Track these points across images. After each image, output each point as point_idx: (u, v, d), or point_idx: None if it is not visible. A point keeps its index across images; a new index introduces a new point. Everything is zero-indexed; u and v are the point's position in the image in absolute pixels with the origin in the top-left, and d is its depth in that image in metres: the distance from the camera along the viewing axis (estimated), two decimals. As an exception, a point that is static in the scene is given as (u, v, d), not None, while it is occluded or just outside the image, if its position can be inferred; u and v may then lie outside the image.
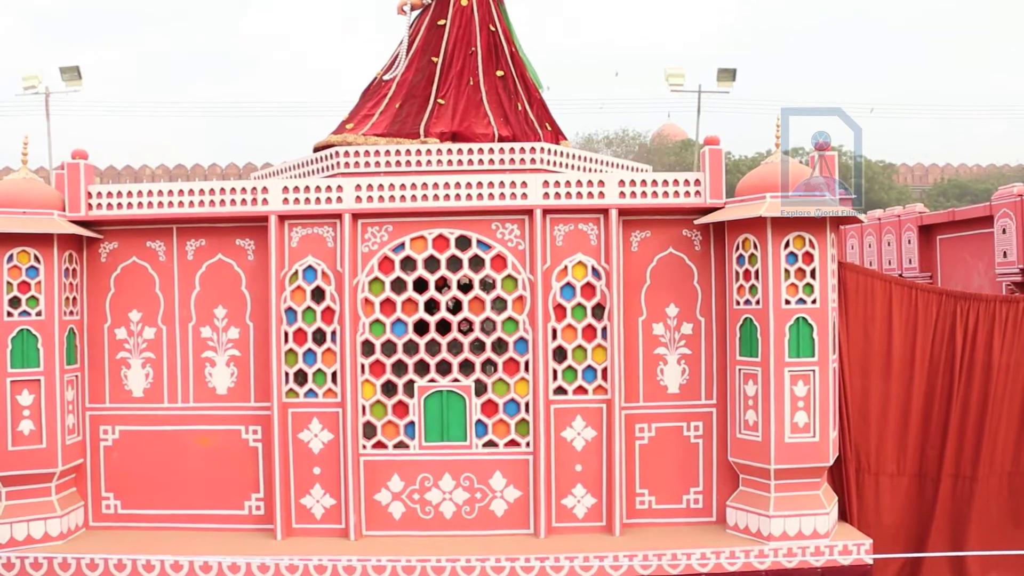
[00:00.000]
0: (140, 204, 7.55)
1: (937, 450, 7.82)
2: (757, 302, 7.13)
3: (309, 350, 7.49)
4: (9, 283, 7.21)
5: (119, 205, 7.58)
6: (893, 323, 7.74)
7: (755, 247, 7.13)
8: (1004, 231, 12.24)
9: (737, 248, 7.29)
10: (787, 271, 7.07)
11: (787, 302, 7.06)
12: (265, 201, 7.42)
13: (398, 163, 7.99)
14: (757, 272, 7.12)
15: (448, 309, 7.49)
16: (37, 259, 7.25)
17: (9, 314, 7.21)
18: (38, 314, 7.25)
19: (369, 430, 7.49)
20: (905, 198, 45.34)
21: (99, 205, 7.58)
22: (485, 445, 7.47)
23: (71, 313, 7.50)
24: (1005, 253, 12.23)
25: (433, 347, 7.48)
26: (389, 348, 7.47)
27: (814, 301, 7.08)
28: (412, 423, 7.47)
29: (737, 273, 7.30)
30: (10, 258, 7.22)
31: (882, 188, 46.13)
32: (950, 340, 7.80)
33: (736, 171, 37.24)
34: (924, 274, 14.49)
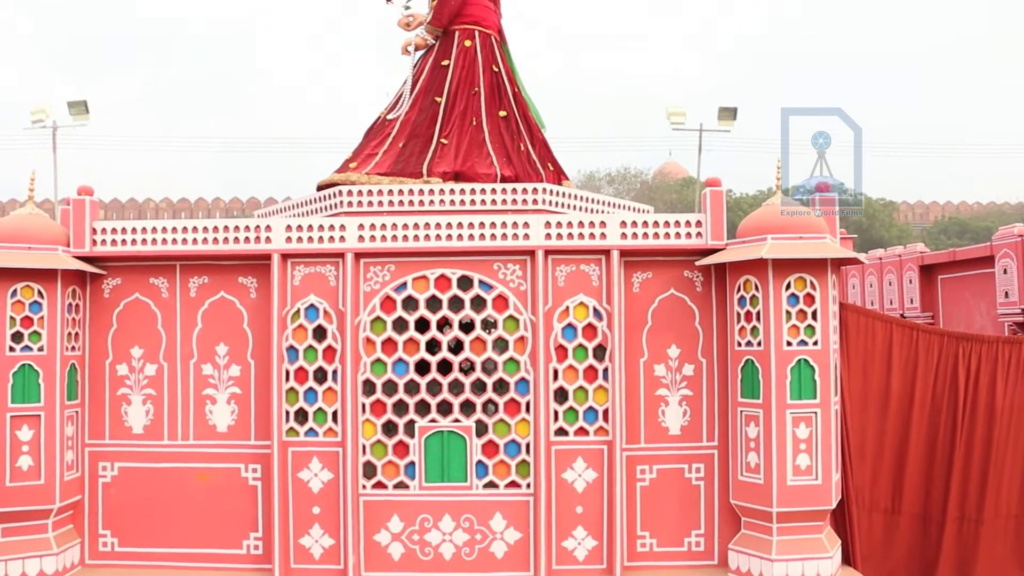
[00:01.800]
0: (144, 241, 7.58)
1: (942, 492, 7.79)
2: (759, 343, 7.13)
3: (310, 389, 7.48)
4: (12, 318, 7.22)
5: (123, 241, 7.61)
6: (892, 363, 7.74)
7: (756, 288, 7.15)
8: (1005, 271, 12.27)
9: (738, 289, 7.30)
10: (788, 312, 7.07)
11: (788, 343, 7.05)
12: (268, 239, 7.46)
13: (401, 203, 8.03)
14: (758, 313, 7.13)
15: (450, 349, 7.49)
16: (40, 294, 7.27)
17: (11, 349, 7.20)
18: (40, 349, 7.25)
19: (369, 470, 7.46)
20: (906, 235, 45.47)
21: (103, 241, 7.61)
22: (486, 486, 7.43)
23: (73, 348, 7.50)
24: (1007, 293, 12.25)
25: (434, 387, 7.47)
26: (390, 388, 7.46)
27: (815, 343, 7.08)
28: (412, 463, 7.44)
29: (738, 314, 7.31)
30: (13, 293, 7.23)
31: (883, 226, 46.28)
32: (952, 381, 7.79)
33: (737, 209, 37.47)
34: (926, 314, 14.49)
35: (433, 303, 7.47)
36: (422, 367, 7.48)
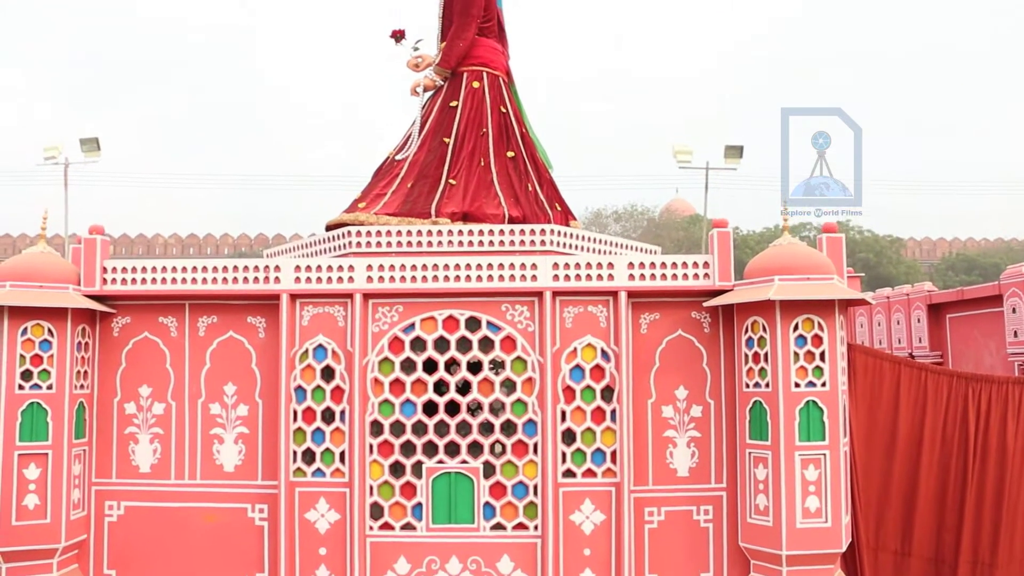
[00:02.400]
0: (154, 280, 7.63)
1: (953, 535, 7.72)
2: (767, 385, 7.11)
3: (318, 429, 7.48)
4: (22, 356, 7.24)
5: (133, 280, 7.65)
6: (901, 404, 7.72)
7: (764, 329, 7.15)
8: (1014, 310, 12.23)
9: (746, 330, 7.30)
10: (796, 354, 7.06)
11: (797, 385, 7.04)
12: (277, 280, 7.49)
13: (409, 243, 8.08)
14: (766, 355, 7.12)
15: (457, 390, 7.49)
16: (51, 332, 7.30)
17: (20, 387, 7.22)
18: (49, 387, 7.27)
19: (376, 511, 7.43)
20: (913, 272, 45.43)
21: (113, 280, 7.66)
22: (493, 528, 7.39)
23: (82, 387, 7.52)
24: (1016, 333, 12.21)
25: (442, 428, 7.46)
26: (398, 428, 7.46)
27: (824, 384, 7.06)
28: (420, 504, 7.41)
29: (746, 356, 7.30)
30: (24, 331, 7.26)
31: (890, 262, 46.24)
32: (963, 422, 7.75)
33: (744, 246, 37.53)
34: (935, 353, 14.43)
35: (441, 344, 7.48)
36: (430, 408, 7.48)
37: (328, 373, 7.51)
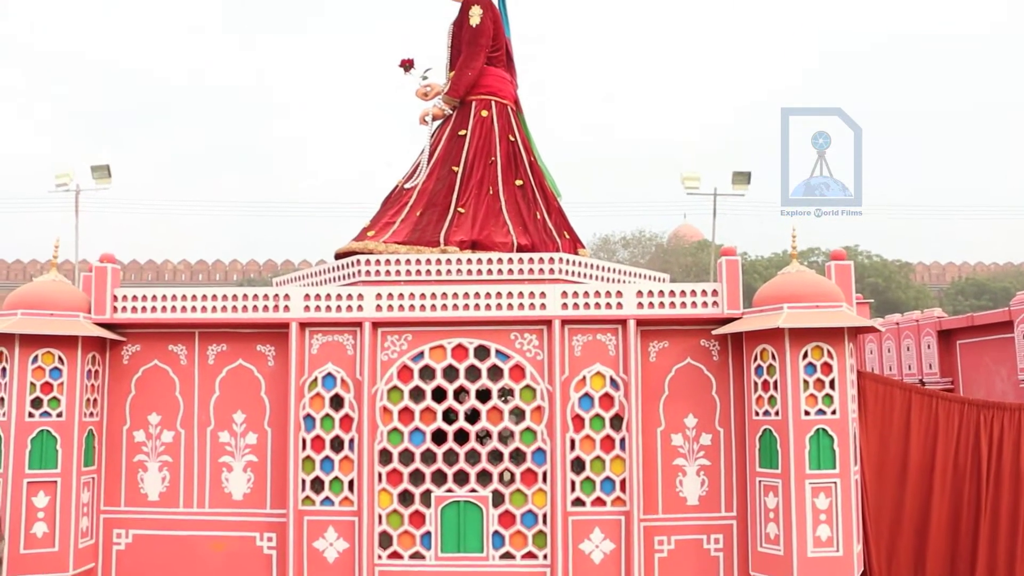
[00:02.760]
0: (164, 308, 7.67)
1: (968, 564, 7.64)
2: (776, 413, 7.10)
3: (326, 458, 7.48)
4: (32, 384, 7.28)
5: (143, 308, 7.69)
6: (912, 432, 7.67)
7: (773, 358, 7.14)
8: (1024, 337, 12.15)
9: (755, 359, 7.29)
10: (806, 382, 7.05)
11: (807, 413, 7.02)
12: (287, 308, 7.52)
13: (418, 272, 8.11)
14: (776, 383, 7.11)
15: (466, 418, 7.49)
16: (61, 360, 7.33)
17: (30, 415, 7.25)
18: (59, 415, 7.29)
19: (385, 540, 7.41)
20: (923, 297, 45.24)
21: (124, 308, 7.70)
22: (502, 557, 7.36)
23: (91, 415, 7.54)
24: (1027, 359, 12.12)
25: (451, 457, 7.45)
26: (407, 457, 7.45)
27: (834, 412, 7.05)
28: (428, 533, 7.39)
29: (755, 384, 7.29)
30: (35, 359, 7.30)
31: (899, 287, 46.07)
32: (975, 449, 7.70)
33: (753, 271, 37.48)
34: (945, 379, 14.34)
35: (450, 372, 7.49)
36: (439, 436, 7.47)
37: (337, 401, 7.52)
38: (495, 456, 7.47)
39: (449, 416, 7.49)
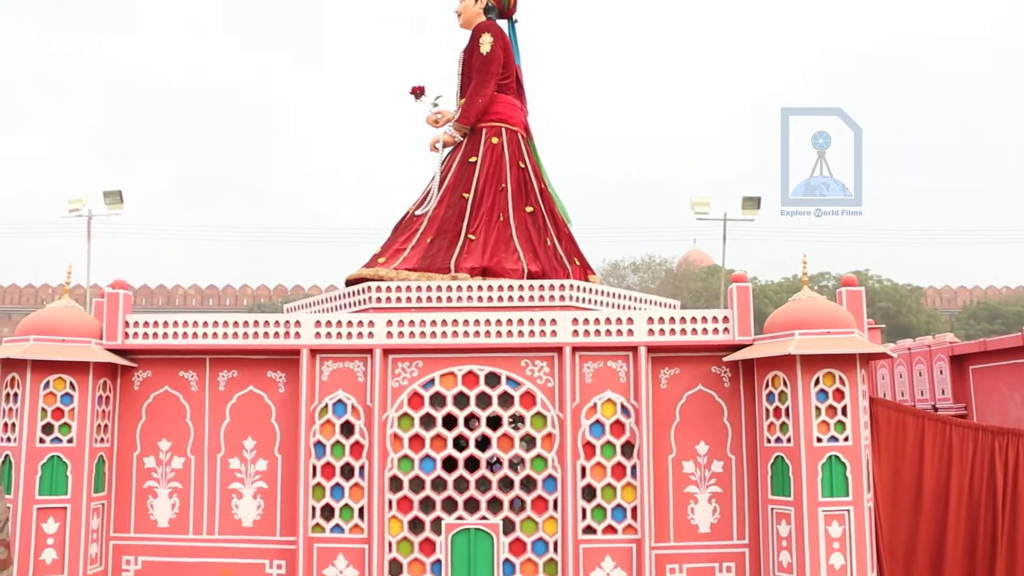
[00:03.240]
0: (175, 334, 7.69)
1: (984, 592, 7.56)
2: (788, 440, 7.06)
3: (337, 484, 7.46)
4: (44, 409, 7.30)
5: (155, 335, 7.72)
6: (925, 459, 7.62)
7: (785, 384, 7.11)
8: (1038, 362, 12.06)
9: (767, 385, 7.27)
10: (818, 408, 7.02)
11: (819, 440, 6.99)
12: (298, 335, 7.54)
13: (429, 299, 8.12)
14: (787, 409, 7.08)
15: (477, 446, 7.47)
16: (72, 386, 7.35)
17: (41, 440, 7.27)
18: (69, 441, 7.31)
19: (395, 568, 7.37)
20: (934, 321, 45.04)
21: (135, 334, 7.73)
22: (512, 585, 7.32)
23: (102, 440, 7.55)
24: (1041, 385, 12.03)
25: (461, 484, 7.42)
26: (417, 484, 7.43)
27: (846, 438, 7.01)
28: (439, 561, 7.35)
29: (767, 410, 7.26)
30: (46, 384, 7.33)
31: (910, 311, 45.88)
32: (990, 476, 7.63)
33: (763, 296, 37.40)
34: (958, 405, 14.24)
35: (461, 399, 7.48)
36: (449, 464, 7.45)
37: (347, 428, 7.51)
38: (505, 483, 7.44)
39: (460, 443, 7.47)
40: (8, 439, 7.31)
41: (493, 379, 7.49)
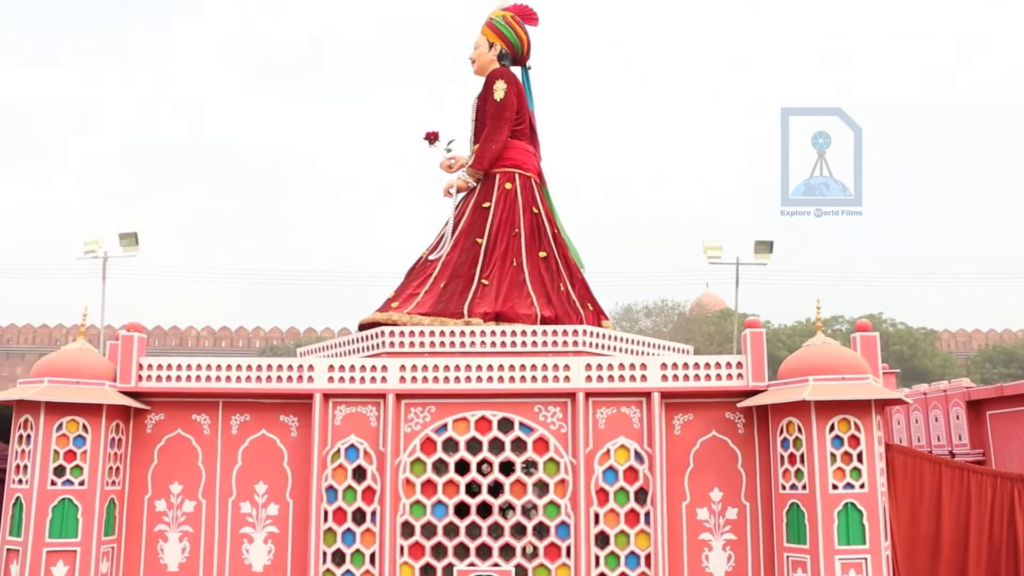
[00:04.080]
0: (188, 377, 7.71)
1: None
2: (803, 487, 6.99)
3: (348, 530, 7.41)
4: (56, 451, 7.28)
5: (168, 378, 7.73)
6: (943, 506, 7.53)
7: (799, 430, 7.06)
8: (1056, 408, 11.95)
9: (781, 431, 7.21)
10: (833, 455, 6.96)
11: (834, 487, 6.91)
12: (311, 379, 7.54)
13: (442, 343, 8.13)
14: (802, 456, 7.02)
15: (489, 491, 7.42)
16: (85, 428, 7.35)
17: (52, 483, 7.24)
18: (81, 484, 7.28)
19: (406, 614, 7.30)
20: (949, 365, 44.76)
21: (149, 377, 7.74)
22: (525, 634, 7.23)
23: (113, 483, 7.53)
24: (1059, 431, 11.91)
25: (474, 530, 7.37)
26: (429, 530, 7.37)
27: (862, 485, 6.93)
28: (450, 608, 7.28)
29: (782, 457, 7.20)
30: (59, 426, 7.32)
31: (925, 355, 45.64)
32: (1010, 524, 7.53)
33: (776, 340, 37.28)
34: (976, 451, 14.09)
35: (473, 445, 7.45)
36: (461, 509, 7.40)
37: (360, 473, 7.48)
38: (518, 530, 7.38)
39: (472, 489, 7.42)
40: (20, 481, 7.30)
41: (506, 424, 7.46)
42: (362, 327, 8.87)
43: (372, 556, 7.35)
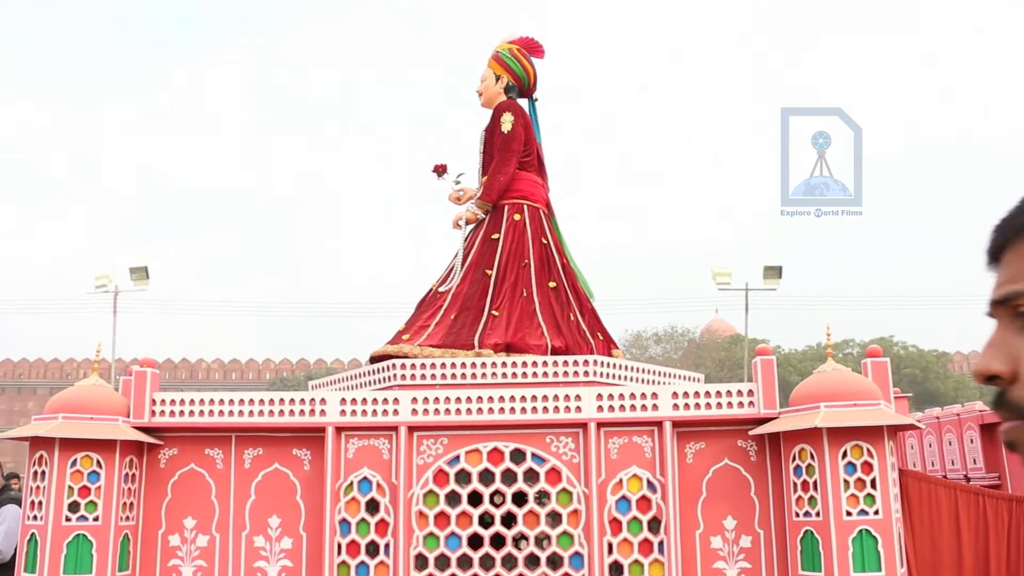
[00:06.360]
0: (201, 412, 7.74)
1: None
2: (817, 514, 6.97)
3: (362, 563, 7.40)
4: (70, 487, 7.31)
5: (181, 412, 7.77)
6: (962, 532, 7.48)
7: (812, 457, 7.05)
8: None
9: (793, 458, 7.20)
10: (846, 481, 6.94)
11: (848, 513, 6.89)
12: (323, 412, 7.57)
13: (453, 375, 8.15)
14: (815, 483, 7.00)
15: (502, 523, 7.42)
16: (99, 464, 7.38)
17: (67, 519, 7.26)
18: (95, 519, 7.30)
19: (420, 648, 7.27)
20: (962, 387, 44.45)
21: (162, 412, 7.78)
22: (540, 666, 7.19)
23: (127, 518, 7.55)
24: (1074, 454, 11.83)
25: (487, 561, 7.35)
26: (443, 562, 7.36)
27: (876, 512, 6.91)
28: (465, 641, 7.25)
29: (795, 484, 7.18)
30: (73, 463, 7.35)
31: (937, 378, 45.37)
32: None
33: (787, 364, 37.18)
34: (991, 475, 14.00)
35: (486, 476, 7.45)
36: (475, 541, 7.39)
37: (373, 506, 7.48)
38: (532, 561, 7.36)
39: (485, 520, 7.42)
40: (35, 517, 7.33)
41: (518, 455, 7.46)
42: (373, 359, 8.90)
43: (386, 589, 7.34)
